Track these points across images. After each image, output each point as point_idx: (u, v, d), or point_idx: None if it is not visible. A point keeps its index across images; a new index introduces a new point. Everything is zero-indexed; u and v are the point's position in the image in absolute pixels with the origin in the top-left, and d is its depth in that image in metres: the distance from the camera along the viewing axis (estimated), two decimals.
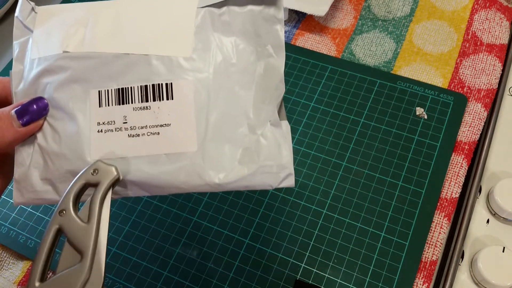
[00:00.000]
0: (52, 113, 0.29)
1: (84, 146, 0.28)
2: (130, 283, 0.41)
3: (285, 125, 0.30)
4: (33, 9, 0.31)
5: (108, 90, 0.28)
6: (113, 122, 0.28)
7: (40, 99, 0.29)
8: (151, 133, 0.28)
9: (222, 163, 0.28)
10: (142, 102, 0.28)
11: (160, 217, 0.44)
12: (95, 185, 0.27)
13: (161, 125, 0.28)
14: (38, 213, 0.45)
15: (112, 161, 0.28)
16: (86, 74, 0.28)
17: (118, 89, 0.28)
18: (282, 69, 0.30)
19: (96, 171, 0.27)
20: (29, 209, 0.45)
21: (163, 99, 0.28)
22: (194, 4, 0.29)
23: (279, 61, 0.30)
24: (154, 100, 0.28)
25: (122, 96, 0.28)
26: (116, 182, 0.27)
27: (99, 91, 0.28)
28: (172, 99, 0.28)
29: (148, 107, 0.28)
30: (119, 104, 0.28)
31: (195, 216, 0.44)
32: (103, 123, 0.28)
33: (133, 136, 0.28)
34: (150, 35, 0.29)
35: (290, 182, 0.29)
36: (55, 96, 0.29)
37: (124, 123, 0.28)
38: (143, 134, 0.28)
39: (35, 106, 0.28)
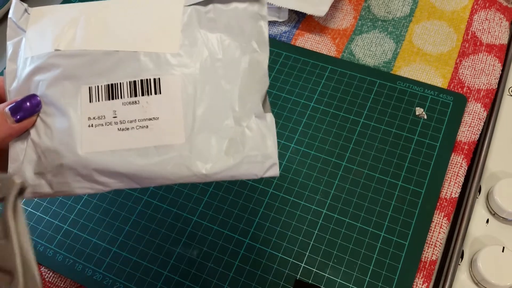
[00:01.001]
0: (44, 110, 0.30)
1: (75, 140, 0.29)
2: (130, 283, 0.41)
3: (270, 117, 0.31)
4: (26, 10, 0.32)
5: (98, 86, 0.29)
6: (103, 117, 0.29)
7: (33, 96, 0.30)
8: (140, 126, 0.29)
9: (209, 154, 0.29)
10: (131, 97, 0.29)
11: (160, 217, 0.44)
12: (1, 200, 0.25)
13: (150, 119, 0.29)
14: (38, 213, 0.45)
15: (103, 154, 0.29)
16: (77, 71, 0.29)
17: (108, 85, 0.29)
18: (266, 64, 0.31)
19: None
20: (29, 209, 0.45)
21: (151, 94, 0.29)
22: (180, 3, 0.31)
23: (263, 56, 0.31)
24: (142, 95, 0.29)
25: (112, 92, 0.29)
26: (22, 190, 0.26)
27: (89, 87, 0.29)
28: (160, 93, 0.29)
29: (137, 102, 0.29)
30: (109, 99, 0.29)
31: (195, 216, 0.44)
32: (94, 118, 0.29)
33: (123, 130, 0.29)
34: (139, 32, 0.30)
35: (274, 171, 0.30)
36: (47, 92, 0.29)
37: (114, 117, 0.29)
38: (132, 128, 0.29)
39: (28, 104, 0.29)
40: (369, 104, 0.49)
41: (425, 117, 0.47)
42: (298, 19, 0.56)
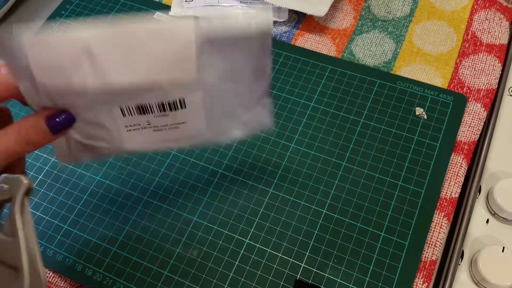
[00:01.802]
0: (78, 125, 0.32)
1: (115, 138, 0.33)
2: (130, 283, 0.41)
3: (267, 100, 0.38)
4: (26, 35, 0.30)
5: (129, 106, 0.32)
6: (138, 125, 0.33)
7: (68, 112, 0.31)
8: (171, 128, 0.34)
9: (223, 127, 0.37)
10: (160, 112, 0.33)
11: (160, 217, 0.44)
12: (9, 200, 0.27)
13: (179, 123, 0.34)
14: (38, 213, 0.45)
15: (142, 143, 0.35)
16: (106, 99, 0.31)
17: (138, 105, 0.32)
18: (270, 69, 0.36)
19: (5, 186, 0.27)
20: (29, 209, 0.45)
21: (178, 109, 0.33)
22: (192, 32, 0.31)
23: (268, 66, 0.35)
24: (170, 110, 0.33)
25: (142, 110, 0.33)
26: (29, 190, 0.28)
27: (121, 107, 0.32)
28: (185, 108, 0.33)
29: (167, 115, 0.33)
30: (141, 115, 0.33)
31: (195, 216, 0.44)
32: (130, 126, 0.33)
33: (158, 130, 0.34)
34: (157, 62, 0.31)
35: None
36: (82, 116, 0.31)
37: (148, 124, 0.34)
38: (165, 129, 0.34)
39: (63, 116, 0.31)
40: (369, 104, 0.49)
41: (425, 117, 0.47)
42: (298, 19, 0.56)
